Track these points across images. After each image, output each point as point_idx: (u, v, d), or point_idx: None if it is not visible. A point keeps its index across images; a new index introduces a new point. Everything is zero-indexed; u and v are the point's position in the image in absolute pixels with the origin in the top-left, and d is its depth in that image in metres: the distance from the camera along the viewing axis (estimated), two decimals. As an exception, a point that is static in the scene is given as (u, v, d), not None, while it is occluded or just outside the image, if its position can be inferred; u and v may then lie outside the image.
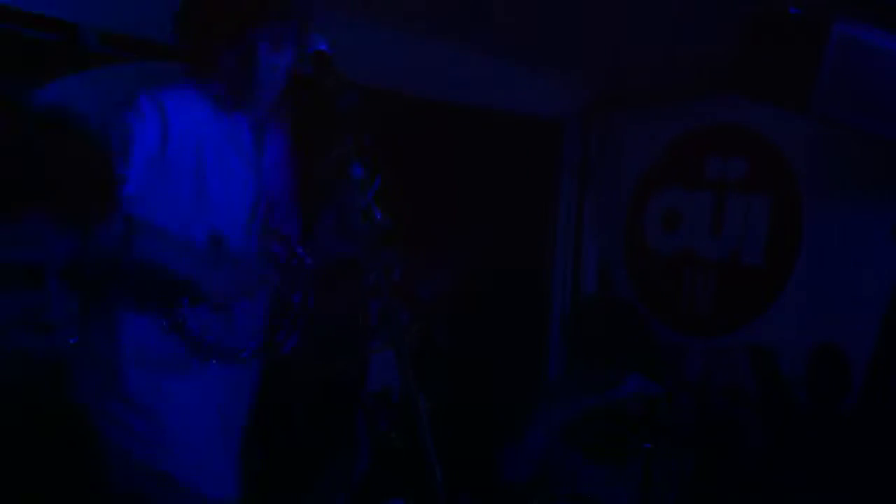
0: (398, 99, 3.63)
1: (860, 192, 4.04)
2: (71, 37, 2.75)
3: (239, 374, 2.22)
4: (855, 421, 3.71)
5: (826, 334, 3.87)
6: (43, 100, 1.15)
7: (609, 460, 3.24)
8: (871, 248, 3.97)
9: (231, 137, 2.12)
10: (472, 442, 3.66)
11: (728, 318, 4.40)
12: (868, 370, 3.75)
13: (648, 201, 4.73)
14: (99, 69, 2.81)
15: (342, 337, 3.26)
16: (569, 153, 4.85)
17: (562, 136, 4.81)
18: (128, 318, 2.06)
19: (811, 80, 3.21)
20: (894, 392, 3.70)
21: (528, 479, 3.46)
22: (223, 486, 2.19)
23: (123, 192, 1.87)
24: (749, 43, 3.35)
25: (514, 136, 4.45)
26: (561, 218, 4.86)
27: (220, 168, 2.09)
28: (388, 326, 2.08)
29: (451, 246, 4.26)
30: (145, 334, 2.07)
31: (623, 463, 3.18)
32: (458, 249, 4.29)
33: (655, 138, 4.70)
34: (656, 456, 2.97)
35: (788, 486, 3.64)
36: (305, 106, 2.17)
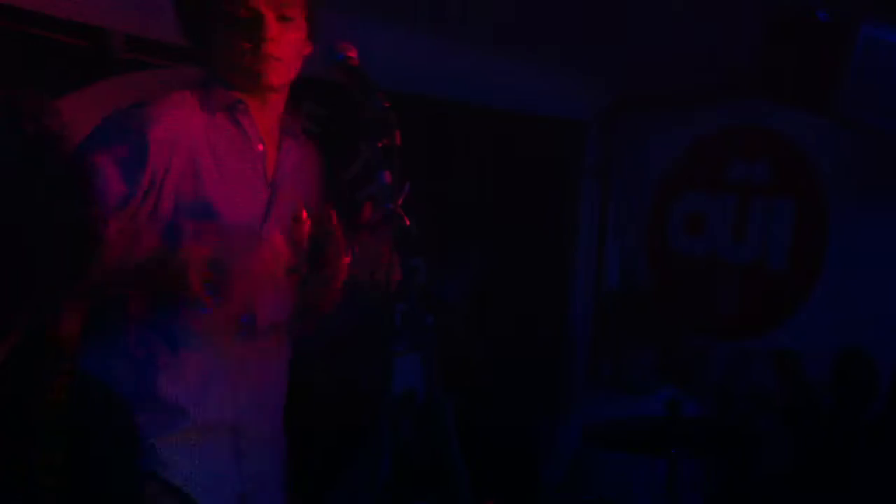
0: (421, 102, 3.63)
1: (886, 194, 4.01)
2: (100, 42, 2.77)
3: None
4: (882, 426, 3.68)
5: (852, 338, 3.83)
6: None
7: (635, 463, 3.23)
8: (897, 251, 3.95)
9: (238, 147, 2.10)
10: (492, 445, 3.66)
11: (753, 322, 4.38)
12: (895, 374, 3.72)
13: (672, 204, 4.71)
14: (127, 74, 2.83)
15: (365, 339, 3.27)
16: (591, 155, 4.84)
17: (584, 138, 4.80)
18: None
19: (837, 81, 3.19)
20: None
21: (562, 481, 3.47)
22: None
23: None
24: (774, 44, 3.34)
25: (536, 138, 4.45)
26: (583, 220, 4.84)
27: (224, 181, 2.07)
28: (413, 329, 2.07)
29: (474, 247, 4.26)
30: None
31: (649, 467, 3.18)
32: (480, 251, 4.29)
33: (678, 141, 4.68)
34: (681, 461, 2.96)
35: (814, 497, 3.61)
36: (333, 112, 2.16)
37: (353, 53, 1.95)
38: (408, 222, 1.87)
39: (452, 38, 3.71)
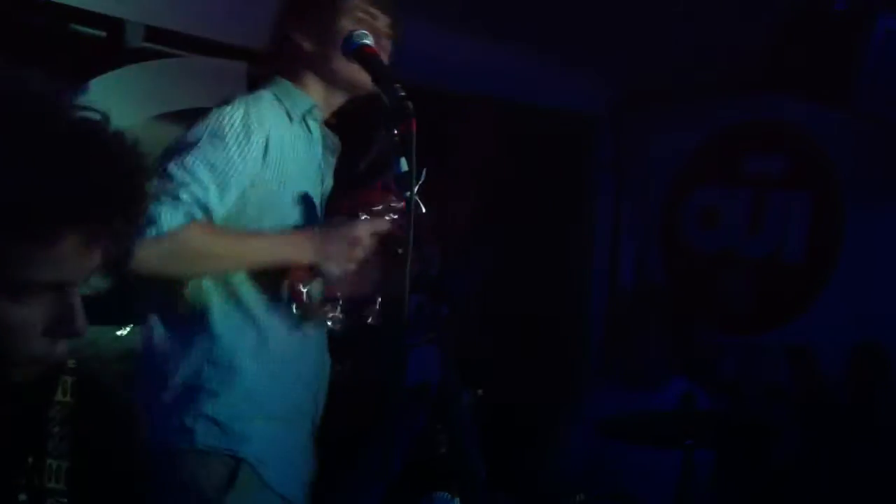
0: (433, 94, 3.63)
1: (903, 188, 3.99)
2: (117, 32, 2.78)
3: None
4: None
5: (868, 333, 3.82)
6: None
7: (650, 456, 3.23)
8: (913, 246, 3.92)
9: (307, 151, 2.12)
10: (506, 438, 3.66)
11: (768, 316, 4.35)
12: (911, 369, 3.70)
13: (685, 198, 4.68)
14: (144, 64, 2.85)
15: (379, 332, 3.27)
16: (603, 149, 4.82)
17: (596, 132, 4.78)
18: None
19: (854, 74, 3.18)
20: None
21: (569, 477, 3.46)
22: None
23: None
24: (790, 37, 3.33)
25: (548, 132, 4.43)
26: (598, 214, 4.82)
27: (298, 186, 2.08)
28: (429, 321, 2.08)
29: (488, 241, 4.25)
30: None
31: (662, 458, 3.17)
32: (494, 244, 4.28)
33: (691, 135, 4.65)
34: (695, 454, 2.95)
35: (825, 492, 3.60)
36: (350, 102, 2.16)
37: (368, 41, 1.95)
38: (423, 210, 1.88)
39: (463, 30, 3.70)
